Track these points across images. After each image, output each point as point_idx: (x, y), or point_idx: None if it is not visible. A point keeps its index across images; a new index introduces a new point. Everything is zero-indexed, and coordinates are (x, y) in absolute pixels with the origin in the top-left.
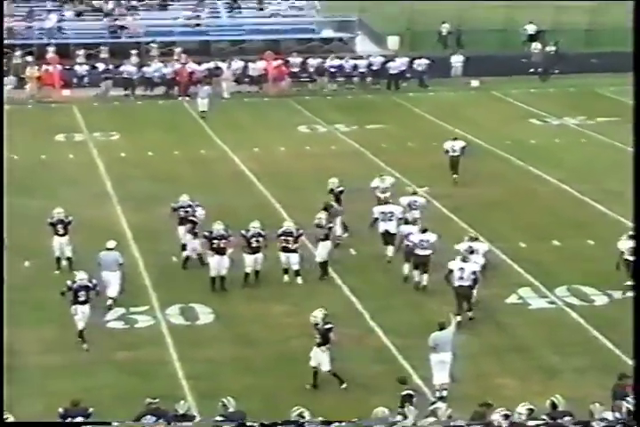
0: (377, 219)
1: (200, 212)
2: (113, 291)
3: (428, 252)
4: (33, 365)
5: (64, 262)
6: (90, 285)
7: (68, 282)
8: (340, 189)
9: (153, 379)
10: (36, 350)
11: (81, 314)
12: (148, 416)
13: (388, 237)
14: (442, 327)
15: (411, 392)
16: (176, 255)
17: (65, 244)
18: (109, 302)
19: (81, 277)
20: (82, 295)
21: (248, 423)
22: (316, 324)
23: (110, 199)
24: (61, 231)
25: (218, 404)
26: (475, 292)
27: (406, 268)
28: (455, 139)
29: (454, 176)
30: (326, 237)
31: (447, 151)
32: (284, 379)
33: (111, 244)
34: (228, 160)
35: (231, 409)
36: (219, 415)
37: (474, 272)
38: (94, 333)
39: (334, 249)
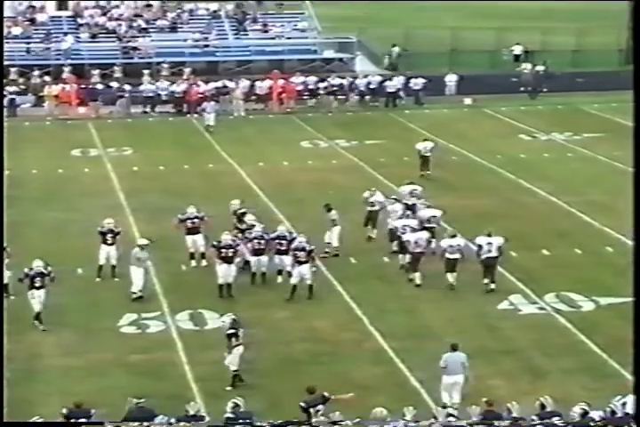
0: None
1: (250, 217)
2: (135, 286)
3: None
4: (53, 367)
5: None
6: (45, 271)
7: (26, 269)
8: (242, 210)
9: (164, 380)
10: (56, 352)
11: (37, 298)
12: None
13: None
14: (454, 349)
15: (302, 404)
16: (185, 264)
17: (112, 252)
18: (133, 295)
19: (37, 264)
20: (38, 281)
21: (257, 423)
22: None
23: (123, 210)
24: (110, 241)
25: (228, 404)
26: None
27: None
28: (425, 140)
29: (427, 172)
30: (307, 261)
31: (419, 151)
32: (288, 380)
33: (142, 241)
34: (234, 174)
35: (242, 409)
36: (230, 413)
37: (499, 246)
38: (109, 337)
39: (335, 258)
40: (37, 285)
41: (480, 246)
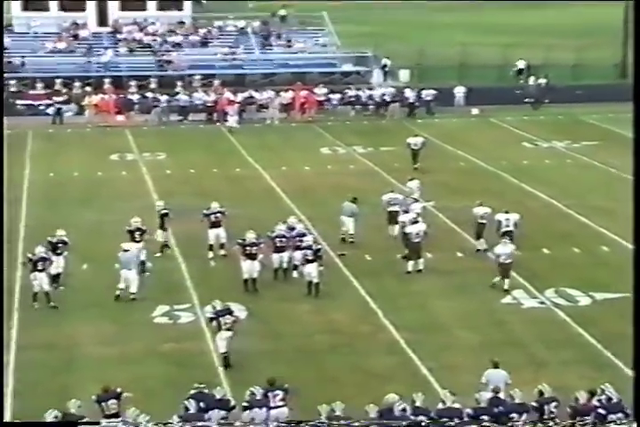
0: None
1: (292, 220)
2: (133, 287)
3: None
4: (90, 355)
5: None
6: (46, 256)
7: (29, 255)
8: (164, 211)
9: (194, 368)
10: (94, 342)
11: (39, 280)
12: (192, 401)
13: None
14: (495, 366)
15: (253, 390)
16: (214, 260)
17: (140, 249)
18: (131, 296)
19: (39, 250)
20: (40, 265)
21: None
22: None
23: (157, 211)
24: (138, 238)
25: (247, 392)
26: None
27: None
28: (416, 135)
29: (416, 165)
30: (314, 259)
31: (409, 145)
32: (308, 370)
33: (127, 246)
34: (259, 178)
35: (258, 397)
36: (245, 402)
37: (515, 222)
38: (143, 328)
39: (351, 255)
40: (39, 268)
41: (499, 222)
